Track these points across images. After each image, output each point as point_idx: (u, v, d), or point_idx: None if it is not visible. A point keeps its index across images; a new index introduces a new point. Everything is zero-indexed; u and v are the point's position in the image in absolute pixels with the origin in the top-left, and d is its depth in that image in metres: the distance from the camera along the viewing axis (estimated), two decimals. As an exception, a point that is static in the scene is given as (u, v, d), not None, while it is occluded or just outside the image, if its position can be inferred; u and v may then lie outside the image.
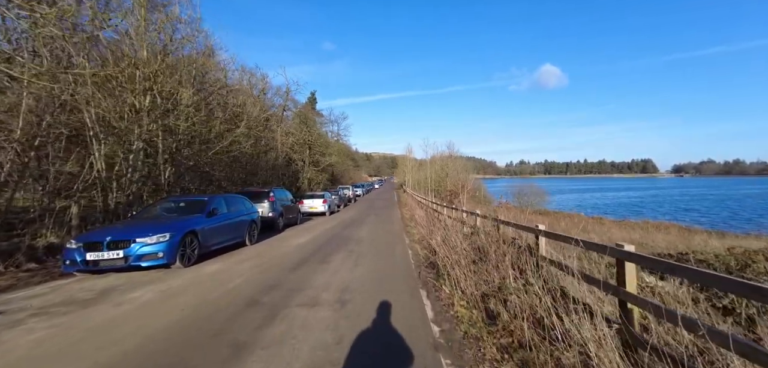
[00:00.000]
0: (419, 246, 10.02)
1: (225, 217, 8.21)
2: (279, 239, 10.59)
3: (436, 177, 35.16)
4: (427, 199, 21.91)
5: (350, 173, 64.99)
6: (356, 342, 3.31)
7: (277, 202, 13.12)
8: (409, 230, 13.64)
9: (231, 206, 8.78)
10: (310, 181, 35.16)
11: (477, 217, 8.28)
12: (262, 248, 9.01)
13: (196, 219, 7.16)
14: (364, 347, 3.24)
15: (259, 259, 7.39)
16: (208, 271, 6.25)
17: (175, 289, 5.07)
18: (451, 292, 4.96)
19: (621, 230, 16.30)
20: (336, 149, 45.11)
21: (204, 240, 7.14)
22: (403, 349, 3.24)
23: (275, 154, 24.92)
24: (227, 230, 8.24)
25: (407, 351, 3.20)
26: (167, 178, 11.42)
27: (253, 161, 20.00)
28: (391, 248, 9.03)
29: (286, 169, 30.42)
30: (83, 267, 5.60)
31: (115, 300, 4.56)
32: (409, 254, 8.41)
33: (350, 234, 11.62)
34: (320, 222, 15.81)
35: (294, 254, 7.97)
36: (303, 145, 33.57)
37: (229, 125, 14.21)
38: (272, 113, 28.72)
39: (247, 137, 15.13)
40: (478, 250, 6.35)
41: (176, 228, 6.42)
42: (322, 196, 20.18)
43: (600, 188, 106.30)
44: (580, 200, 61.22)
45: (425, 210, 19.60)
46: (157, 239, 6.01)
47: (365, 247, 9.08)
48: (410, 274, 6.28)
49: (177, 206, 7.77)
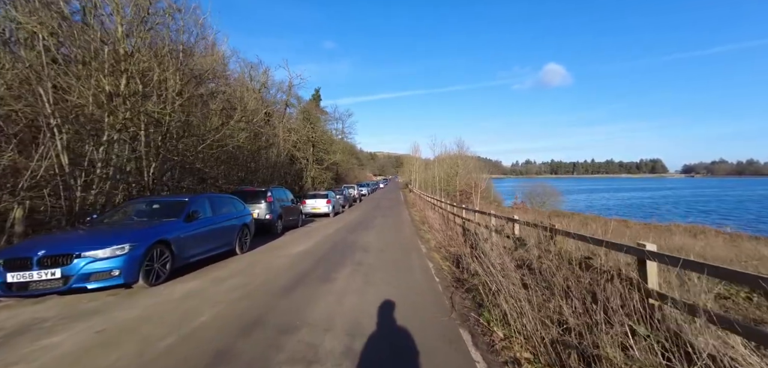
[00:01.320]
0: (439, 255, 8.57)
1: (209, 222, 6.82)
2: (275, 247, 9.19)
3: (445, 176, 33.62)
4: (439, 200, 20.42)
5: (355, 172, 63.65)
6: None
7: (276, 203, 11.74)
8: (423, 235, 12.18)
9: (217, 208, 7.39)
10: (314, 180, 33.83)
11: (515, 223, 6.78)
12: (253, 258, 7.62)
13: (171, 225, 5.78)
14: None
15: (247, 275, 5.99)
16: (177, 294, 4.86)
17: (119, 327, 3.67)
18: (508, 336, 3.51)
19: (659, 235, 14.69)
20: (340, 148, 43.74)
21: (180, 251, 5.76)
22: None
23: (277, 151, 23.58)
24: (212, 237, 6.86)
25: None
26: (152, 175, 10.08)
27: (252, 158, 18.65)
28: (406, 259, 7.58)
29: (289, 167, 29.11)
30: (3, 292, 4.24)
31: (20, 349, 3.16)
32: (430, 267, 6.95)
33: (357, 240, 10.19)
34: (324, 225, 14.41)
35: (290, 268, 6.55)
36: (306, 142, 32.25)
37: (224, 117, 12.85)
38: (275, 109, 27.42)
39: (243, 130, 13.74)
40: (527, 269, 4.87)
41: (141, 237, 5.04)
42: (326, 196, 18.79)
43: (608, 188, 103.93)
44: (589, 201, 59.14)
45: (438, 212, 18.13)
46: (113, 251, 4.63)
47: (376, 257, 7.65)
48: (439, 301, 4.83)
49: (150, 208, 6.40)
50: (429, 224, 15.59)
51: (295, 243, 9.67)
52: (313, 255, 7.85)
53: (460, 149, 33.63)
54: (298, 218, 13.81)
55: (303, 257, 7.59)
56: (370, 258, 7.55)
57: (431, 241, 10.79)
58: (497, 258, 4.90)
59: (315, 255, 7.85)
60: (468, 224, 11.40)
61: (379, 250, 8.64)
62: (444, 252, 9.34)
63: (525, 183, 55.99)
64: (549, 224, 5.19)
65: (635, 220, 23.82)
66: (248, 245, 8.52)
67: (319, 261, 7.18)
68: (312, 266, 6.74)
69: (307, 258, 7.49)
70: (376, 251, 8.51)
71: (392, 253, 8.30)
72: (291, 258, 7.51)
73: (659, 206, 52.77)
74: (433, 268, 6.94)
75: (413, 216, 19.21)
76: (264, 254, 8.01)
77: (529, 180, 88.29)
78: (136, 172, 9.82)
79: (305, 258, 7.49)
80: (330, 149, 35.98)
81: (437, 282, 5.88)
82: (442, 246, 10.34)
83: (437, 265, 7.26)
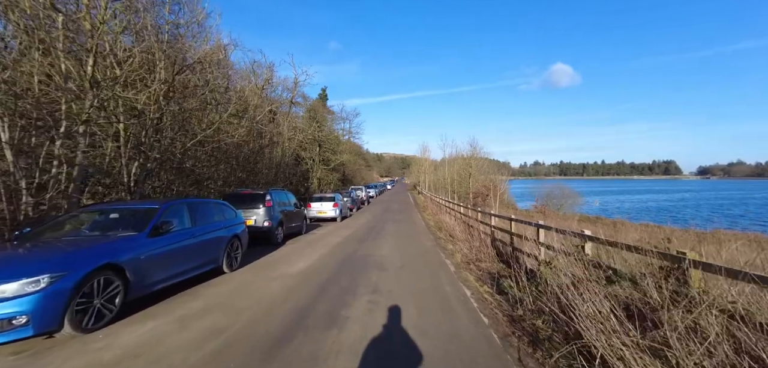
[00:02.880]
0: (472, 276, 6.97)
1: (185, 235, 5.33)
2: (272, 262, 7.68)
3: (458, 178, 31.87)
4: (456, 203, 18.76)
5: (362, 173, 62.23)
6: None
7: (276, 207, 10.25)
8: (445, 245, 10.57)
9: (200, 216, 5.90)
10: (321, 181, 32.44)
11: (586, 241, 5.10)
12: (243, 279, 6.10)
13: (126, 242, 4.29)
14: None
15: (228, 311, 4.46)
16: (116, 349, 3.35)
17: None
18: None
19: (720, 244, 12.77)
20: (347, 148, 42.32)
21: (139, 277, 4.27)
22: None
23: (281, 150, 22.19)
24: (190, 255, 5.37)
25: None
26: (134, 175, 8.69)
27: (254, 158, 17.25)
28: (435, 282, 5.99)
29: (295, 168, 27.74)
30: None
31: None
32: (468, 296, 5.35)
33: (370, 253, 8.64)
34: (330, 231, 12.90)
35: (287, 299, 5.02)
36: (312, 142, 30.87)
37: (218, 109, 11.41)
38: (280, 108, 26.08)
39: (241, 126, 12.26)
40: (625, 310, 3.24)
41: (72, 262, 3.55)
42: (333, 198, 17.30)
43: (622, 190, 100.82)
44: (607, 203, 56.59)
45: (454, 217, 16.50)
46: (21, 287, 3.15)
47: (395, 280, 6.07)
48: (505, 366, 3.22)
49: (105, 218, 4.93)
50: (447, 231, 13.97)
51: (296, 257, 8.15)
52: (317, 276, 6.30)
53: (473, 149, 31.93)
54: (301, 225, 12.32)
55: (304, 280, 6.05)
56: (388, 282, 5.97)
57: (456, 254, 9.18)
58: (591, 300, 3.27)
59: (319, 276, 6.30)
60: (499, 233, 9.76)
61: (399, 268, 7.06)
62: (476, 270, 7.73)
63: (536, 185, 53.78)
64: (665, 248, 3.53)
65: (669, 225, 21.78)
66: (239, 260, 7.02)
67: (323, 287, 5.63)
68: (315, 295, 5.19)
69: (308, 282, 5.95)
70: (395, 269, 6.94)
71: (415, 273, 6.72)
72: (289, 281, 5.98)
73: (679, 209, 50.14)
74: (473, 297, 5.34)
75: (427, 221, 17.59)
76: (257, 274, 6.49)
77: (539, 181, 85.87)
78: (115, 173, 8.43)
79: (307, 282, 5.95)
80: (337, 149, 34.55)
81: (487, 323, 4.28)
82: (471, 261, 8.73)
83: (476, 292, 5.65)
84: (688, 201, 62.91)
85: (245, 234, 7.40)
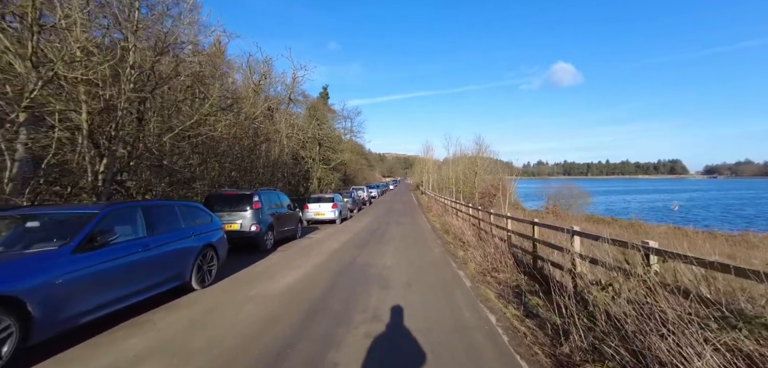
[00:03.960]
0: (492, 292, 5.78)
1: (134, 248, 4.18)
2: (255, 275, 6.52)
3: (463, 177, 30.63)
4: (462, 204, 17.54)
5: (364, 173, 61.14)
6: None
7: (265, 210, 9.09)
8: (455, 251, 9.38)
9: (157, 223, 4.74)
10: (321, 181, 31.31)
11: (648, 254, 3.86)
12: (210, 301, 4.94)
13: (33, 263, 3.15)
14: None
15: (168, 360, 3.29)
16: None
17: None
18: None
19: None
20: (349, 147, 41.19)
21: (53, 310, 3.13)
22: None
23: (278, 148, 21.07)
24: (139, 272, 4.22)
25: None
26: (102, 174, 7.56)
27: (249, 156, 16.11)
28: (450, 306, 4.80)
29: (294, 167, 26.63)
30: None
31: None
32: (492, 321, 4.17)
33: (370, 263, 7.46)
34: (328, 235, 11.75)
35: (261, 333, 3.85)
36: (312, 141, 29.75)
37: (196, 98, 10.25)
38: (279, 106, 24.96)
39: (223, 118, 11.06)
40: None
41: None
42: (332, 199, 16.14)
43: (628, 190, 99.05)
44: (613, 203, 54.98)
45: (461, 219, 15.28)
46: None
47: (403, 303, 4.89)
48: None
49: (19, 228, 3.77)
50: (455, 234, 12.77)
51: (284, 269, 6.98)
52: (305, 297, 5.13)
53: (479, 147, 30.66)
54: (296, 229, 11.16)
55: (287, 302, 4.88)
56: (391, 305, 4.79)
57: (469, 263, 8.00)
58: (688, 348, 2.07)
59: (307, 296, 5.13)
60: (517, 239, 8.56)
61: (404, 285, 5.87)
62: (494, 284, 6.54)
63: (540, 185, 52.29)
64: None
65: (691, 228, 20.47)
66: (214, 274, 5.87)
67: (310, 313, 4.45)
68: (298, 326, 4.01)
69: (292, 305, 4.78)
70: (401, 286, 5.75)
71: (423, 291, 5.53)
72: (269, 304, 4.81)
73: (689, 209, 48.54)
74: (500, 325, 4.16)
75: (433, 223, 16.40)
76: (232, 293, 5.32)
77: (543, 181, 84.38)
78: (77, 171, 7.31)
79: (290, 304, 4.78)
80: (337, 148, 33.40)
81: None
82: (487, 271, 7.54)
83: (502, 317, 4.46)
84: (698, 201, 61.20)
85: (223, 243, 6.25)
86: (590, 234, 5.02)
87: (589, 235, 4.98)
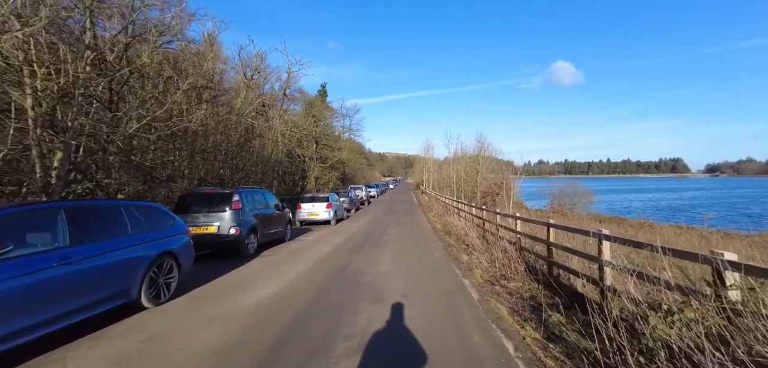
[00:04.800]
0: (505, 307, 4.88)
1: (47, 261, 3.25)
2: (226, 288, 5.59)
3: (464, 176, 29.68)
4: (464, 203, 16.60)
5: (363, 173, 60.22)
6: None
7: (246, 211, 8.17)
8: (458, 255, 8.46)
9: (89, 229, 3.80)
10: (318, 180, 30.38)
11: (729, 268, 2.92)
12: (159, 325, 4.00)
13: None
14: None
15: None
16: None
17: None
18: None
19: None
20: (347, 145, 40.24)
21: None
22: None
23: (271, 145, 20.14)
24: (55, 294, 3.28)
25: None
26: (54, 168, 6.64)
27: (237, 153, 15.17)
28: (456, 326, 3.86)
29: (289, 165, 25.70)
30: None
31: None
32: (511, 353, 3.23)
33: (363, 270, 6.53)
34: (320, 238, 10.83)
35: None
36: (308, 138, 28.81)
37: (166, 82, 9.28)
38: (275, 103, 24.00)
39: (198, 107, 10.04)
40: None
41: None
42: (327, 199, 15.22)
43: (629, 189, 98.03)
44: (618, 202, 53.91)
45: (464, 219, 14.36)
46: None
47: (394, 325, 3.96)
48: None
49: None
50: (457, 235, 11.84)
51: (263, 278, 6.06)
52: (280, 316, 4.21)
53: (481, 145, 29.70)
54: (284, 231, 10.24)
55: (258, 324, 3.95)
56: (384, 326, 3.87)
57: (475, 270, 7.09)
58: None
59: (283, 316, 4.21)
60: (527, 241, 7.63)
61: (401, 296, 4.95)
62: (505, 295, 5.64)
63: (542, 184, 51.30)
64: None
65: (702, 227, 19.49)
66: (174, 287, 4.93)
67: (280, 343, 3.52)
68: (259, 363, 3.08)
69: (263, 328, 3.85)
70: (397, 299, 4.83)
71: (425, 304, 4.61)
72: (233, 328, 3.88)
73: (695, 207, 47.52)
74: (518, 354, 3.23)
75: (434, 224, 15.48)
76: (191, 312, 4.40)
77: (545, 181, 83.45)
78: (22, 166, 6.39)
79: (261, 328, 3.85)
80: (335, 145, 32.46)
81: None
82: (495, 279, 6.63)
83: (519, 341, 3.53)
84: (701, 200, 60.15)
85: (187, 250, 5.32)
86: (631, 240, 4.07)
87: (630, 241, 4.04)
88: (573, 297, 5.35)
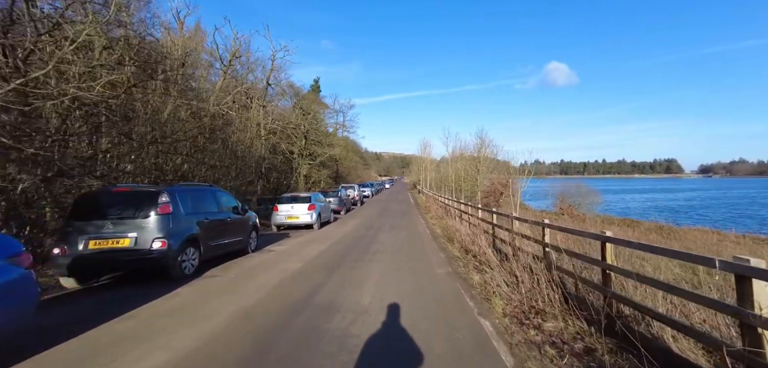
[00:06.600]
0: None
1: None
2: (90, 352, 3.48)
3: (464, 175, 27.71)
4: (470, 204, 14.58)
5: (359, 171, 58.09)
6: None
7: (181, 216, 6.01)
8: (465, 273, 6.40)
9: None
10: (308, 178, 28.18)
11: None
12: None
13: None
14: None
15: None
16: None
17: None
18: None
19: None
20: (340, 142, 38.04)
21: None
22: None
23: (250, 137, 17.95)
24: None
25: None
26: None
27: (201, 144, 12.94)
28: None
29: (274, 162, 23.49)
30: None
31: None
32: None
33: (335, 304, 4.44)
34: (295, 247, 8.73)
35: None
36: (297, 132, 26.60)
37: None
38: (257, 94, 21.76)
39: (117, 80, 7.60)
40: None
41: None
42: (309, 199, 13.12)
43: (624, 189, 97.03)
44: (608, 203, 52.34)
45: (467, 223, 12.35)
46: None
47: None
48: None
49: None
50: (461, 244, 9.79)
51: (178, 322, 3.95)
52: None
53: (481, 142, 27.74)
54: (245, 240, 8.11)
55: None
56: None
57: (495, 300, 5.05)
58: None
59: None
60: (557, 257, 5.57)
61: (388, 366, 2.88)
62: (550, 350, 3.60)
63: (542, 184, 49.57)
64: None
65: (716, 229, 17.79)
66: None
67: None
68: None
69: None
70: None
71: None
72: None
73: (694, 208, 46.14)
74: None
75: (433, 228, 13.46)
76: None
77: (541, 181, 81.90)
78: None
79: None
80: (325, 141, 30.30)
81: None
82: (525, 316, 4.58)
83: None
84: (697, 200, 58.90)
85: (20, 292, 3.18)
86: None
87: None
88: (661, 356, 3.30)
